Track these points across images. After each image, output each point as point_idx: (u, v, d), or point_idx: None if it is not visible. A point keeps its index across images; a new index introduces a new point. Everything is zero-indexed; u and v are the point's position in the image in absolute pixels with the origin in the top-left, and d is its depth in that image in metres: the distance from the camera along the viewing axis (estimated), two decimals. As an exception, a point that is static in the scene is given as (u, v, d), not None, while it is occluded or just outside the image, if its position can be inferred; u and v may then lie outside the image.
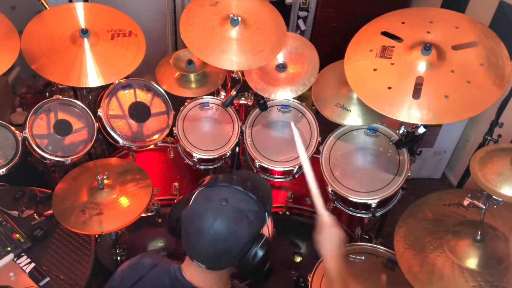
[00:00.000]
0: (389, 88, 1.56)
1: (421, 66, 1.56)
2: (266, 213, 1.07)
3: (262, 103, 2.02)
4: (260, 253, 1.04)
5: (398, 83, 1.57)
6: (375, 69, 1.61)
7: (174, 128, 2.05)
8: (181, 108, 2.10)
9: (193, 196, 1.07)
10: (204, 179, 1.12)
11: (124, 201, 1.74)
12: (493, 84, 1.49)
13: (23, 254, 1.70)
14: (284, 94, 1.99)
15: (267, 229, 1.09)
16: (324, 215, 1.21)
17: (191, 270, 1.12)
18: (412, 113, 1.51)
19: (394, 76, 1.59)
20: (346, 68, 1.68)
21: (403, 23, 1.69)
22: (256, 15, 1.87)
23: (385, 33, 1.68)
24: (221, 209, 1.01)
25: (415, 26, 1.67)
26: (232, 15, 1.79)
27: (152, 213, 1.93)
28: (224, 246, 1.02)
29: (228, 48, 1.79)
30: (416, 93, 1.53)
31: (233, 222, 1.01)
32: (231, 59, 1.78)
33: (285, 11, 3.52)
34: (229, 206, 1.02)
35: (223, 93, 2.14)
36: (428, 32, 1.63)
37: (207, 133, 2.08)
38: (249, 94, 2.08)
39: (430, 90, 1.52)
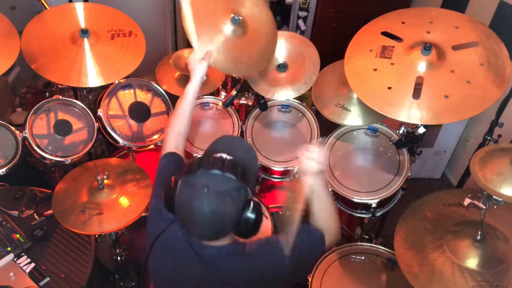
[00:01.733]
0: (389, 88, 1.56)
1: (421, 66, 1.56)
2: (247, 186, 1.17)
3: (262, 103, 2.02)
4: (252, 216, 1.15)
5: (398, 83, 1.57)
6: (375, 69, 1.61)
7: (174, 128, 2.05)
8: (181, 108, 2.10)
9: (178, 185, 1.17)
10: (185, 166, 1.23)
11: (124, 201, 1.74)
12: (493, 84, 1.49)
13: (23, 254, 1.70)
14: (286, 94, 1.99)
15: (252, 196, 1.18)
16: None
17: None
18: (412, 113, 1.51)
19: (394, 76, 1.59)
20: (346, 68, 1.68)
21: (403, 23, 1.70)
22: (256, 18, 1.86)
23: (385, 33, 1.68)
24: (205, 196, 1.11)
25: (415, 26, 1.67)
26: (233, 15, 1.78)
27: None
28: (216, 224, 1.14)
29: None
30: (416, 93, 1.53)
31: (217, 204, 1.12)
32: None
33: (285, 11, 3.52)
34: (211, 191, 1.12)
35: (223, 93, 2.14)
36: (428, 32, 1.63)
37: (207, 133, 2.08)
38: (249, 94, 2.08)
39: (430, 90, 1.52)
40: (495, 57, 1.53)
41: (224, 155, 1.18)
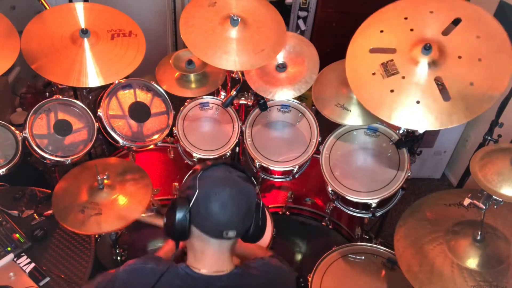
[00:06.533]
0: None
1: (423, 67, 1.53)
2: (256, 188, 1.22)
3: (262, 103, 2.02)
4: (261, 220, 1.20)
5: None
6: (392, 90, 1.53)
7: (174, 128, 2.06)
8: (181, 108, 2.10)
9: (197, 182, 1.13)
10: (194, 169, 1.22)
11: (124, 201, 1.74)
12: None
13: (23, 254, 1.70)
14: (286, 94, 1.99)
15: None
16: None
17: (199, 259, 1.18)
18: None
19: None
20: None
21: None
22: (255, 14, 1.88)
23: (374, 50, 1.61)
24: (229, 178, 1.16)
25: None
26: (232, 15, 1.79)
27: (152, 213, 1.93)
28: (245, 204, 1.16)
29: (229, 48, 1.79)
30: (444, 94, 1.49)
31: (242, 183, 1.16)
32: (233, 59, 1.78)
33: (285, 11, 3.53)
34: (233, 174, 1.17)
35: (223, 93, 2.14)
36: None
37: (207, 133, 2.08)
38: (249, 94, 2.08)
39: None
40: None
41: None
